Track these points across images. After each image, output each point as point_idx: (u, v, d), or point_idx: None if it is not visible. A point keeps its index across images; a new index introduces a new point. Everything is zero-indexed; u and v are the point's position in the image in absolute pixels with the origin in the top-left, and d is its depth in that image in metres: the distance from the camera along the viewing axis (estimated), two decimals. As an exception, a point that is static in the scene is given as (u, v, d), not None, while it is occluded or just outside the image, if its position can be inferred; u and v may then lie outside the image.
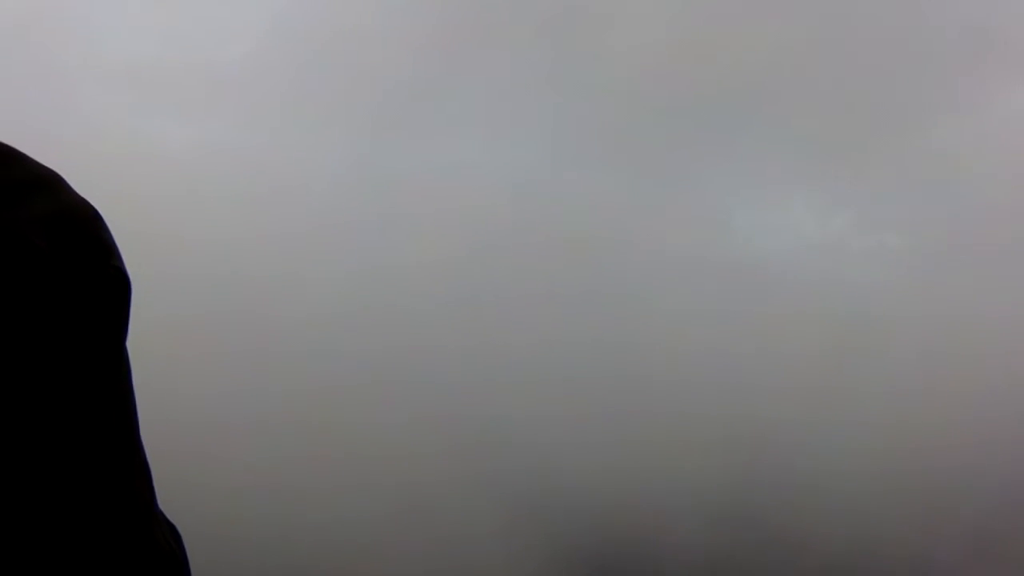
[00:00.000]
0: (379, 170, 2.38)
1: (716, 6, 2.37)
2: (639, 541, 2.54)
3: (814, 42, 2.37)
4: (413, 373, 2.46)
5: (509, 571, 2.56)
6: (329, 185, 2.37)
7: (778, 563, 2.51)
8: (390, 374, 2.45)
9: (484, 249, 2.39)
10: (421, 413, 2.45)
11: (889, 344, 2.42)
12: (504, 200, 2.36)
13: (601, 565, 2.54)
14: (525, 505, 2.55)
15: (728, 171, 2.40)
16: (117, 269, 0.87)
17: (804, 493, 2.49)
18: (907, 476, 2.46)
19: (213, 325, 2.43)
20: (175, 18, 2.45)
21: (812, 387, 2.51)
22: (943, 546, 2.50)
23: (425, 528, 2.57)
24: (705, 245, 2.39)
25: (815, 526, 2.48)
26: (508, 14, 2.36)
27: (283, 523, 2.47)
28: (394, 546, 2.54)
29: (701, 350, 2.47)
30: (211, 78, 2.36)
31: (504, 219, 2.37)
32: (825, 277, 2.46)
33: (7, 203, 0.82)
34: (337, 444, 2.46)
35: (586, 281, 2.47)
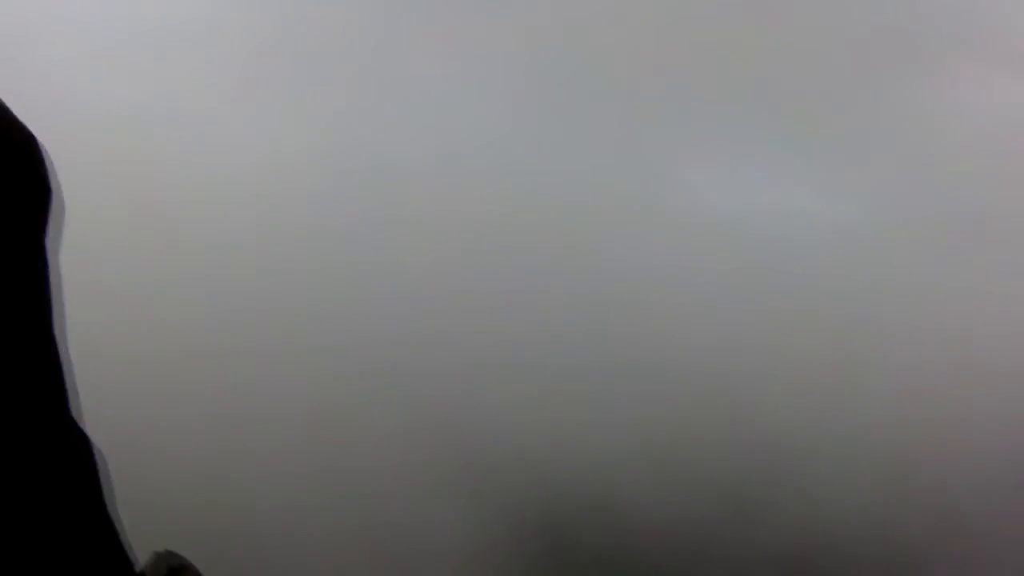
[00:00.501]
0: (368, 159, 2.39)
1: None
2: (602, 506, 2.53)
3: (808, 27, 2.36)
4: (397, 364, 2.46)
5: (465, 538, 2.55)
6: (318, 174, 2.38)
7: (748, 537, 2.50)
8: (381, 367, 2.45)
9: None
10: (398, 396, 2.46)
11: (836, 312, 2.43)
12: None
13: (560, 532, 2.53)
14: (492, 475, 2.54)
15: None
16: (41, 177, 0.84)
17: (784, 461, 2.47)
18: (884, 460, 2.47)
19: (211, 320, 2.45)
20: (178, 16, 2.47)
21: (773, 344, 2.50)
22: (942, 540, 2.51)
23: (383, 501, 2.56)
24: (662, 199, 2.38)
25: (795, 497, 2.46)
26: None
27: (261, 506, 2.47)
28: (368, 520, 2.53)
29: (667, 308, 2.46)
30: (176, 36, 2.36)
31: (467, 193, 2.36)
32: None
33: None
34: (333, 439, 2.46)
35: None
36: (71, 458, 0.81)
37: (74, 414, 0.87)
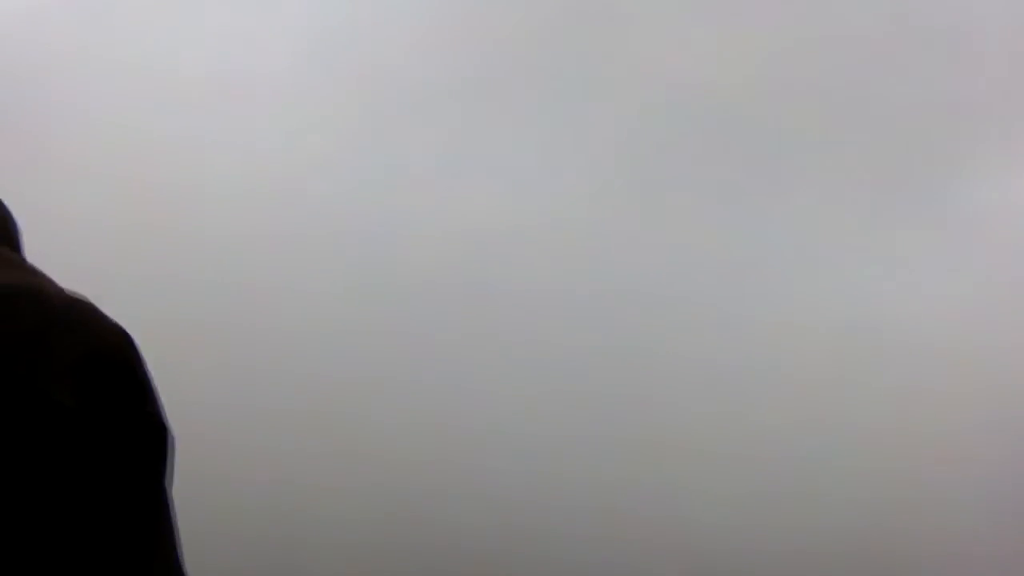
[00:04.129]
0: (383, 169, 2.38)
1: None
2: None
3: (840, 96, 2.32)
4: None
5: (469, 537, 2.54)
6: (330, 183, 2.36)
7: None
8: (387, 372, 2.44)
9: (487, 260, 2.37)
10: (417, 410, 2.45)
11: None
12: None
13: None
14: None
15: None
16: (151, 415, 0.84)
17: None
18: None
19: (212, 324, 2.44)
20: (182, 18, 2.45)
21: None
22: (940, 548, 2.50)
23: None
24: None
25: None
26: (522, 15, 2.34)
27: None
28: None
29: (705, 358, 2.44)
30: (212, 75, 2.36)
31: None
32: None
33: (30, 354, 0.79)
34: (336, 441, 2.45)
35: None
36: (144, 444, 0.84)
37: None
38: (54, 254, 1.02)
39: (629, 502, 2.54)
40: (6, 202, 0.95)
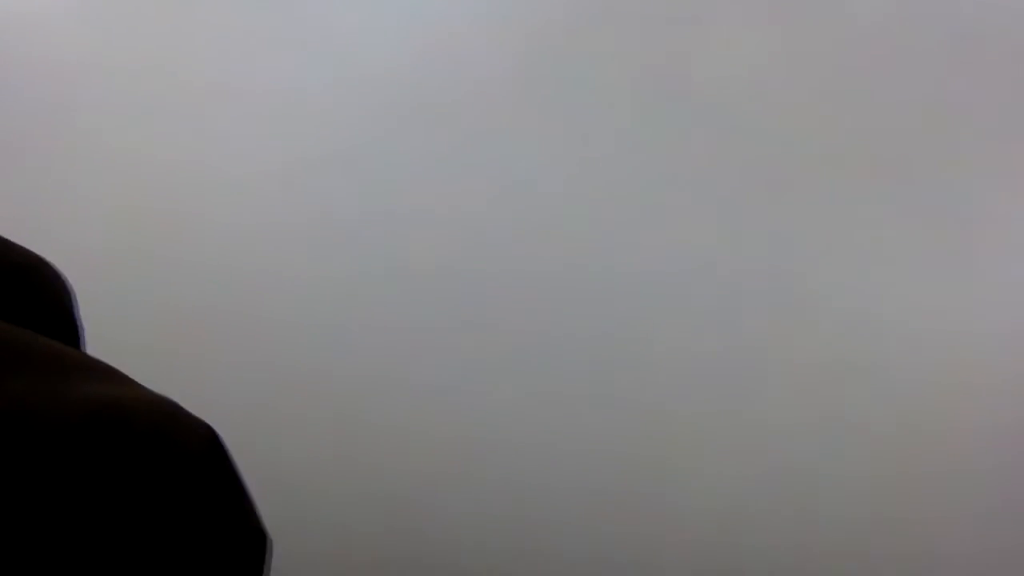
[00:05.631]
0: (380, 166, 2.38)
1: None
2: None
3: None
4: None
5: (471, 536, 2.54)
6: (333, 180, 2.37)
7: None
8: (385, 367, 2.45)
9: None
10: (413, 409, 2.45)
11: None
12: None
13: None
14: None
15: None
16: (254, 529, 0.80)
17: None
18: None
19: (210, 320, 2.45)
20: (183, 20, 2.46)
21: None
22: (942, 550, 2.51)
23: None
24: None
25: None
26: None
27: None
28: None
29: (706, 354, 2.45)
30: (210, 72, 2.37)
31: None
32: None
33: (116, 476, 0.75)
34: (330, 433, 2.47)
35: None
36: None
37: None
38: (55, 255, 1.02)
39: (629, 500, 2.55)
40: (14, 206, 0.93)
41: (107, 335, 1.44)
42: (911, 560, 2.51)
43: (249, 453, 2.43)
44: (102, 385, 0.81)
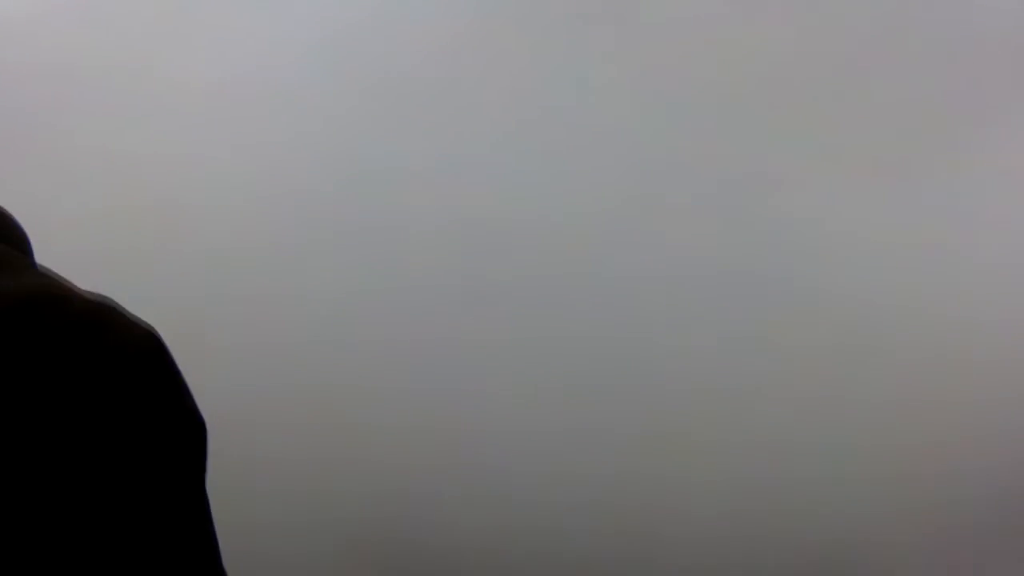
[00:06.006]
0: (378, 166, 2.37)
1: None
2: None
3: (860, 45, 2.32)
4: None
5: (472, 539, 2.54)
6: (326, 182, 2.36)
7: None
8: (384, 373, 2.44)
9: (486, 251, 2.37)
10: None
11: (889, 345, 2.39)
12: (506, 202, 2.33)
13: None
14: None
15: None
16: (189, 411, 0.83)
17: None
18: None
19: (211, 325, 2.44)
20: (172, 19, 2.45)
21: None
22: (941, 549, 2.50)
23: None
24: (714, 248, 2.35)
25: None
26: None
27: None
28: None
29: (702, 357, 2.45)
30: (204, 79, 2.36)
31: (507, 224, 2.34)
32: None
33: (52, 354, 0.77)
34: (334, 436, 2.46)
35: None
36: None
37: None
38: (53, 259, 1.02)
39: (630, 498, 2.55)
40: (7, 206, 0.95)
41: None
42: (908, 555, 2.51)
43: (248, 453, 2.43)
44: (44, 279, 0.84)
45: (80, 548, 0.76)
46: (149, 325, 0.85)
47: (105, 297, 0.85)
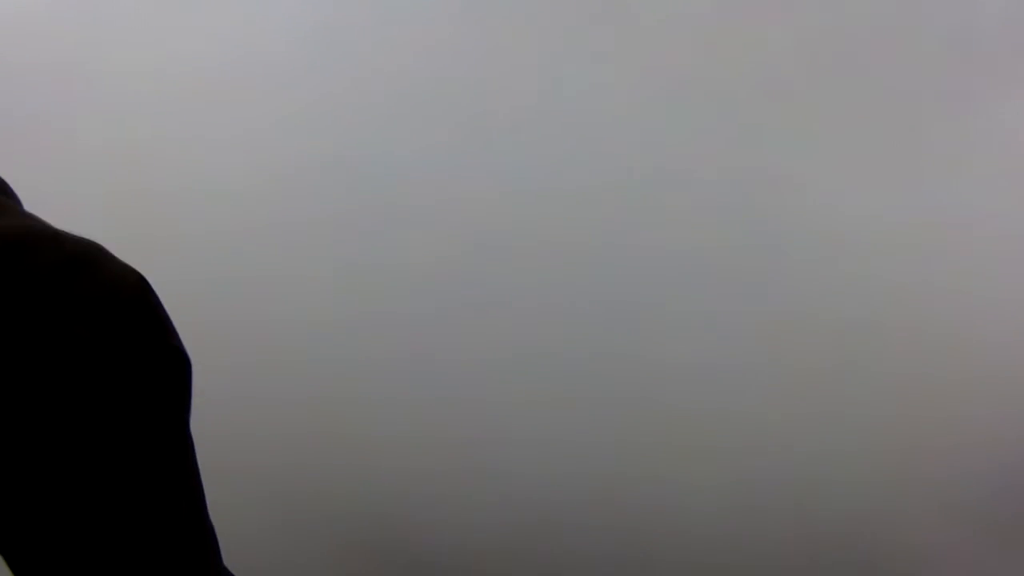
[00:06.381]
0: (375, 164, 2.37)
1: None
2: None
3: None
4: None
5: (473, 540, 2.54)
6: (325, 179, 2.36)
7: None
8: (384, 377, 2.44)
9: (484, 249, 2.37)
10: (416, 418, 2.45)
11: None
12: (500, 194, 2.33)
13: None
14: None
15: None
16: (174, 348, 0.84)
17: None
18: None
19: (206, 326, 2.44)
20: (167, 13, 2.44)
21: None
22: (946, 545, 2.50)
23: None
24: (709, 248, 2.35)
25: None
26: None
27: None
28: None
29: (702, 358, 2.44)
30: (201, 71, 2.36)
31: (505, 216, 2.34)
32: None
33: (41, 290, 0.78)
34: (334, 439, 2.46)
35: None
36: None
37: None
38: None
39: (631, 503, 2.55)
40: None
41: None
42: (909, 556, 2.51)
43: (248, 453, 2.43)
44: (35, 220, 0.86)
45: (63, 479, 0.77)
46: (134, 268, 0.86)
47: (93, 240, 0.86)
